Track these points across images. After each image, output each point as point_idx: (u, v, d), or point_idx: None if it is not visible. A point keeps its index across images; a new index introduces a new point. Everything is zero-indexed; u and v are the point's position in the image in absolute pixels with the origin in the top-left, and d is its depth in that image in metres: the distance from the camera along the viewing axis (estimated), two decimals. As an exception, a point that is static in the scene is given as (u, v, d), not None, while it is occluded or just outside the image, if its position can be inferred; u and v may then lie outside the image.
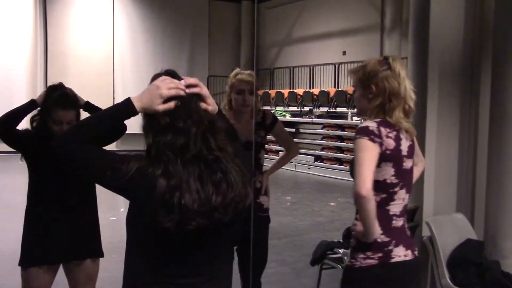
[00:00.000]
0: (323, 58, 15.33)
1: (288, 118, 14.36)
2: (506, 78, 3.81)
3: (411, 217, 4.14)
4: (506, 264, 3.79)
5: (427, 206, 4.10)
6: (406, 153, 2.39)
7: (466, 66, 4.15)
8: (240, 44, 18.50)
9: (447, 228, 3.90)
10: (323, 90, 13.90)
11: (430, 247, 3.81)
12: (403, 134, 2.38)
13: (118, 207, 7.45)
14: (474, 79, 4.17)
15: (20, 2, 15.45)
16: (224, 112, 2.44)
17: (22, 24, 15.45)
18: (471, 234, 3.97)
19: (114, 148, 8.68)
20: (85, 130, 1.70)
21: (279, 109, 14.89)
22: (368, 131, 2.29)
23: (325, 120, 13.25)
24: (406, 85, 2.37)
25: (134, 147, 1.75)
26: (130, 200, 1.71)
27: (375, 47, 13.79)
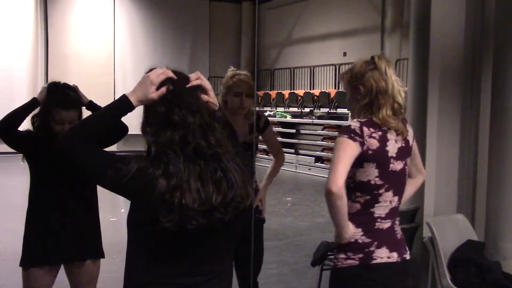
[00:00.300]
0: (324, 59, 15.31)
1: (288, 119, 14.37)
2: (507, 79, 3.81)
3: (412, 217, 4.14)
4: (507, 265, 3.79)
5: (428, 206, 4.10)
6: (395, 154, 2.33)
7: (467, 67, 4.16)
8: (240, 45, 18.50)
9: (448, 229, 3.90)
10: (324, 91, 13.89)
11: (431, 248, 3.81)
12: (392, 135, 2.34)
13: (119, 208, 7.45)
14: (475, 80, 4.17)
15: (21, 3, 15.46)
16: None
17: (23, 24, 15.46)
18: (472, 235, 3.97)
19: (115, 149, 8.67)
20: (86, 129, 1.73)
21: (280, 110, 14.88)
22: (349, 130, 2.28)
23: (325, 121, 13.24)
24: (394, 82, 2.34)
25: (135, 148, 1.75)
26: (131, 200, 1.72)
27: (376, 48, 13.77)
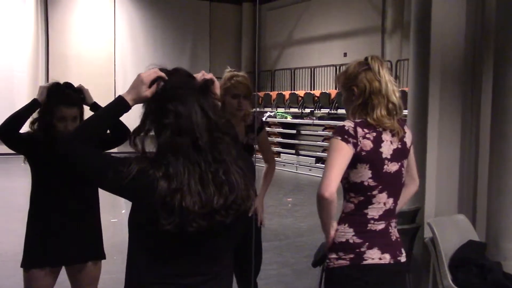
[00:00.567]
0: (324, 60, 15.32)
1: (289, 119, 14.37)
2: (508, 79, 3.81)
3: (413, 218, 4.14)
4: (508, 265, 3.78)
5: (429, 207, 4.09)
6: (390, 156, 2.32)
7: (468, 67, 4.15)
8: (241, 45, 18.52)
9: (449, 229, 3.90)
10: (324, 91, 13.89)
11: (432, 248, 3.81)
12: (387, 136, 2.33)
13: (120, 209, 7.45)
14: (476, 80, 4.17)
15: (21, 4, 15.48)
16: None
17: (24, 25, 15.48)
18: (473, 235, 3.97)
19: (115, 150, 8.67)
20: (86, 131, 1.76)
21: (280, 110, 14.88)
22: (342, 131, 2.28)
23: (326, 121, 13.24)
24: (388, 82, 2.34)
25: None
26: (132, 201, 1.72)
27: (376, 49, 13.78)
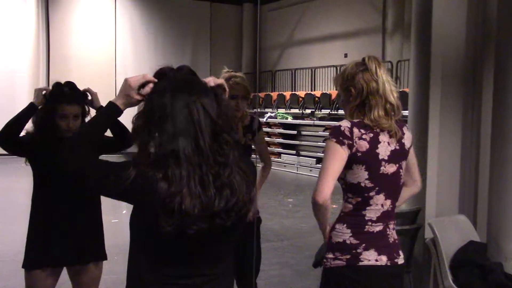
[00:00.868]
0: (325, 61, 15.32)
1: (289, 120, 14.37)
2: (509, 80, 3.81)
3: (414, 218, 4.14)
4: (509, 266, 3.78)
5: (430, 207, 4.09)
6: (387, 157, 2.30)
7: (469, 68, 4.15)
8: (242, 46, 18.53)
9: (450, 229, 3.90)
10: (325, 92, 13.90)
11: (433, 249, 3.81)
12: (385, 137, 2.31)
13: (121, 209, 7.44)
14: (477, 81, 4.17)
15: (22, 5, 15.50)
16: None
17: (25, 26, 15.50)
18: (474, 235, 3.97)
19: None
20: (82, 139, 1.78)
21: (281, 111, 14.89)
22: (338, 132, 2.27)
23: (326, 122, 13.23)
24: (385, 82, 2.33)
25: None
26: (132, 204, 1.72)
27: (377, 50, 13.78)
